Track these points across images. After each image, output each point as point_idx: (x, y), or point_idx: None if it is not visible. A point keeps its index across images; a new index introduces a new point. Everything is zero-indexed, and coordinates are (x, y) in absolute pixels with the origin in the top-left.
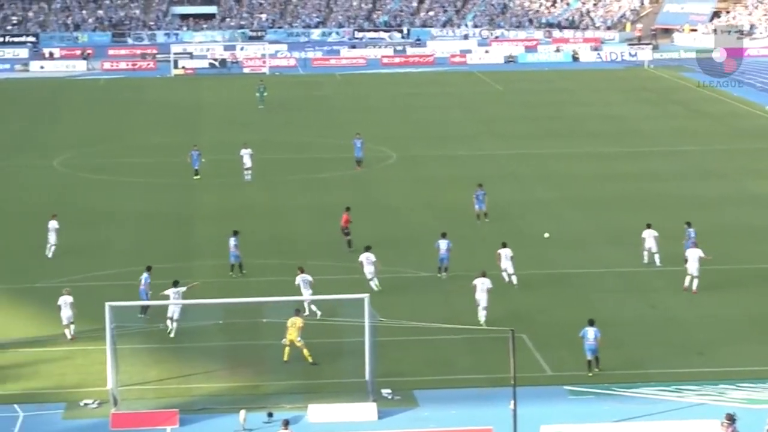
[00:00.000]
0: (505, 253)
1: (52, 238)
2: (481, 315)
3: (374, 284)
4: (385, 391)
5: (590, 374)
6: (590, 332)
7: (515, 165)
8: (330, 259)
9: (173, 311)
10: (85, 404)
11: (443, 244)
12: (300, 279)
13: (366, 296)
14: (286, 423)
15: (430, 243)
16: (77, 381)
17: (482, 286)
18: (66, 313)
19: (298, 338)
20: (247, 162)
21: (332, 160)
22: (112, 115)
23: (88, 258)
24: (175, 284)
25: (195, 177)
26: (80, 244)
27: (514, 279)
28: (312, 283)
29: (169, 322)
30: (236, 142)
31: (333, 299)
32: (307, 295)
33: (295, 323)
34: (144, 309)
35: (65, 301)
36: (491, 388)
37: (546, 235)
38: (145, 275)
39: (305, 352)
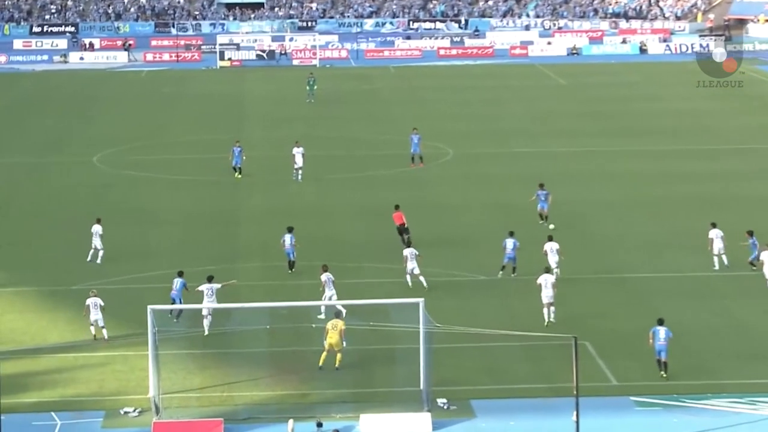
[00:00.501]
0: (551, 247)
1: (96, 243)
2: (548, 313)
3: (423, 280)
4: (441, 401)
5: (663, 374)
6: (661, 332)
7: (578, 163)
8: (382, 261)
9: (207, 309)
10: (126, 412)
11: (510, 243)
12: (325, 277)
13: (421, 300)
14: None
15: (488, 244)
16: (117, 388)
17: (546, 282)
18: (95, 316)
19: (343, 343)
20: (299, 161)
21: (385, 156)
22: (154, 109)
23: (129, 259)
24: (210, 279)
25: (236, 176)
26: (121, 244)
27: (557, 271)
28: (335, 282)
29: (205, 321)
30: (284, 138)
31: (386, 303)
32: (329, 294)
33: (336, 326)
34: (178, 314)
35: (94, 303)
36: (552, 399)
37: (551, 226)
38: (178, 280)
39: (339, 356)
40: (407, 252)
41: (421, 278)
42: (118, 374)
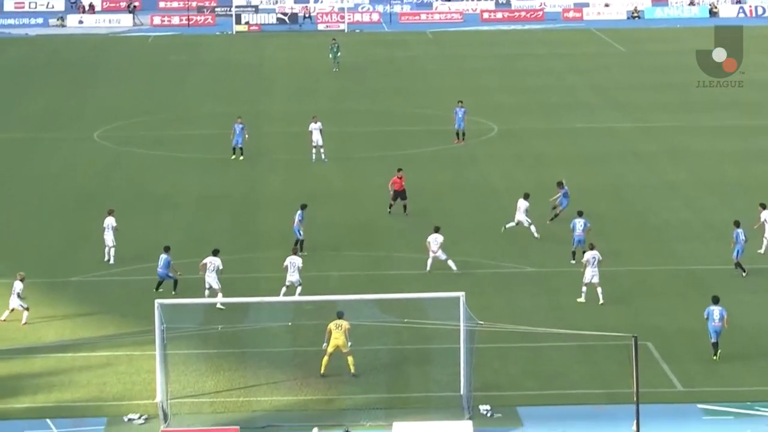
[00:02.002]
0: (521, 206)
1: (109, 239)
2: (584, 293)
3: (451, 264)
4: (483, 408)
5: (715, 357)
6: (715, 312)
7: (640, 141)
8: (418, 250)
9: (210, 281)
10: (130, 419)
11: (579, 223)
12: (288, 261)
13: (461, 295)
14: None
15: (540, 232)
16: (120, 392)
17: (594, 259)
18: (13, 304)
19: (349, 343)
20: (317, 138)
21: (421, 133)
22: (163, 79)
23: (135, 248)
24: (215, 253)
25: (238, 157)
26: (126, 231)
27: (533, 229)
28: (300, 269)
29: (208, 292)
30: (307, 112)
31: (422, 298)
32: (292, 280)
33: (341, 326)
34: (158, 285)
35: (15, 287)
36: (609, 406)
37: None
38: (163, 256)
39: (350, 360)
40: (430, 238)
41: (450, 262)
42: (122, 376)
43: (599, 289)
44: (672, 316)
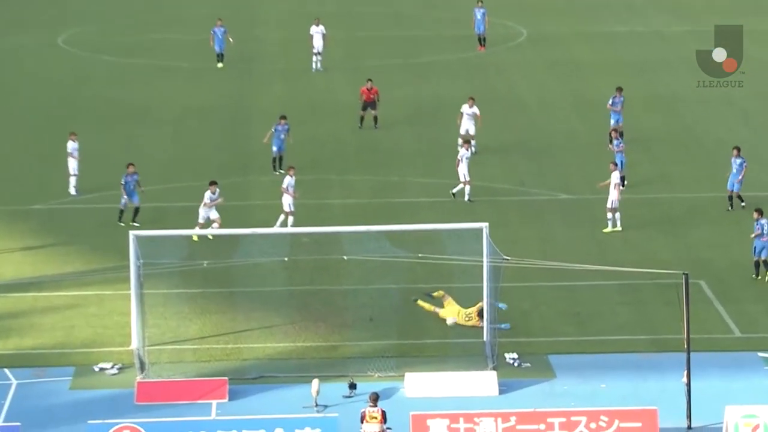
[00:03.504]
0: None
1: (72, 166)
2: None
3: (466, 190)
4: (510, 356)
5: (756, 276)
6: (767, 226)
7: (692, 46)
8: (434, 175)
9: (204, 215)
10: (101, 369)
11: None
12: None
13: (484, 225)
14: (375, 398)
15: (573, 154)
16: (89, 337)
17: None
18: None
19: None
20: (318, 44)
21: (439, 39)
22: None
23: (108, 171)
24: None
25: (218, 64)
26: (98, 151)
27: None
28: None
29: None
30: (309, 14)
31: (440, 229)
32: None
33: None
34: (120, 215)
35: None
36: (656, 354)
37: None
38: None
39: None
40: (461, 155)
41: (466, 189)
42: (91, 319)
43: (617, 214)
44: (728, 249)
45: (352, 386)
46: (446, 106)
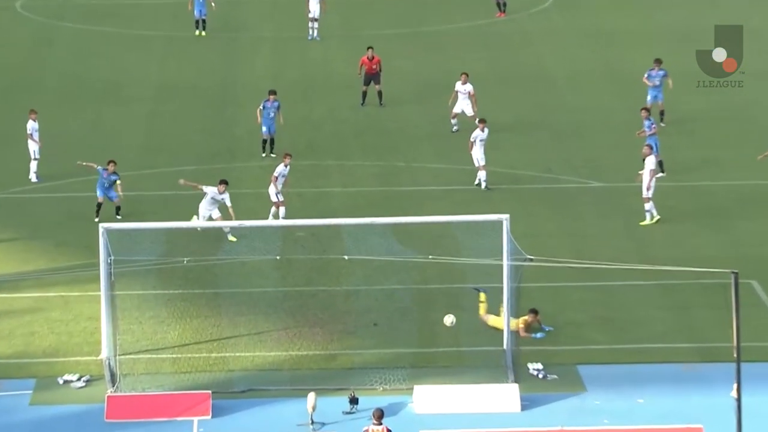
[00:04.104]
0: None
1: (33, 148)
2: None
3: (482, 177)
4: (533, 367)
5: None
6: None
7: (749, 13)
8: (446, 159)
9: (204, 214)
10: (66, 382)
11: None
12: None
13: (505, 218)
14: (380, 414)
15: (608, 133)
16: (53, 346)
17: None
18: None
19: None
20: (314, 9)
21: (451, 3)
22: None
23: (74, 155)
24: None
25: (201, 33)
26: (63, 132)
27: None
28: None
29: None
30: None
31: (453, 222)
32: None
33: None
34: (99, 208)
35: None
36: (701, 364)
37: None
38: (101, 168)
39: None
40: (475, 136)
41: (482, 175)
42: (55, 325)
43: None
44: None
45: (354, 401)
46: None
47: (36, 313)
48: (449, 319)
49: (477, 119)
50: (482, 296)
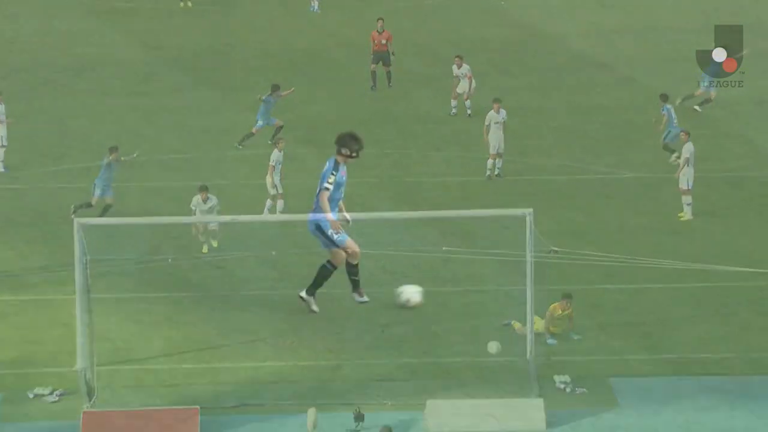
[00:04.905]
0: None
1: (0, 134)
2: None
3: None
4: (560, 379)
5: None
6: None
7: None
8: (459, 147)
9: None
10: (37, 395)
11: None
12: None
13: (528, 212)
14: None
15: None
16: (23, 355)
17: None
18: None
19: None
20: None
21: None
22: None
23: (45, 142)
24: (203, 190)
25: (187, 2)
26: (34, 116)
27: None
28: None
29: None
30: None
31: (471, 216)
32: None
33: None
34: (79, 205)
35: None
36: (749, 377)
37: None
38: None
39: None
40: (489, 119)
41: (496, 163)
42: (24, 332)
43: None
44: None
45: (359, 417)
46: (477, 56)
47: (4, 318)
48: (494, 347)
49: (492, 99)
50: (515, 324)
